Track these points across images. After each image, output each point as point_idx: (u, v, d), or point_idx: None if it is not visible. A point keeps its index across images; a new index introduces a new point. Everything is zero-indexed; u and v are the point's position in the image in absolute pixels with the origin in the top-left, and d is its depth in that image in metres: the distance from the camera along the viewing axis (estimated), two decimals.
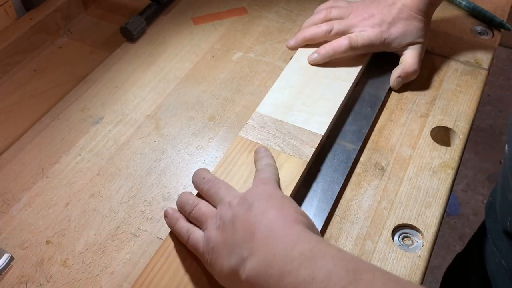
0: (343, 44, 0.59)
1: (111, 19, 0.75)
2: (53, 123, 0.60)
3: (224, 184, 0.45)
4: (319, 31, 0.61)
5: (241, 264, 0.36)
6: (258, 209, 0.38)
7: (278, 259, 0.32)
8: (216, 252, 0.39)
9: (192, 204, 0.44)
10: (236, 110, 0.61)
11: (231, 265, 0.37)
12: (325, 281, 0.29)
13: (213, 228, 0.40)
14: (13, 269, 0.47)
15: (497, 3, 0.73)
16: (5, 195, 0.53)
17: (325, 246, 0.33)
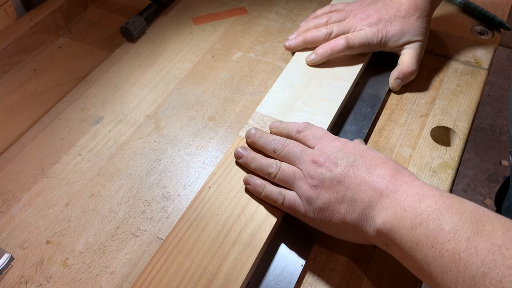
0: (340, 44, 0.59)
1: (111, 19, 0.75)
2: (53, 123, 0.60)
3: (293, 142, 0.48)
4: (319, 34, 0.62)
5: (368, 218, 0.40)
6: (364, 166, 0.42)
7: (409, 213, 0.36)
8: (329, 210, 0.42)
9: (276, 167, 0.47)
10: (236, 110, 0.61)
11: (354, 219, 0.41)
12: (452, 232, 0.33)
13: (307, 188, 0.44)
14: (13, 269, 0.47)
15: (497, 3, 0.73)
16: (5, 195, 0.53)
17: (446, 198, 0.36)
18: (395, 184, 0.39)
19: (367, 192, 0.40)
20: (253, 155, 0.50)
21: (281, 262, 0.46)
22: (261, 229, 0.46)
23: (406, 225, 0.36)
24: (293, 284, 0.44)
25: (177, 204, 0.51)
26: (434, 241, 0.34)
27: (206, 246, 0.45)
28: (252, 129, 0.52)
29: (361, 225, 0.41)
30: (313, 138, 0.47)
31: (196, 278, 0.43)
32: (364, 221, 0.40)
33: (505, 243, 0.31)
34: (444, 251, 0.33)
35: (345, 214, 0.41)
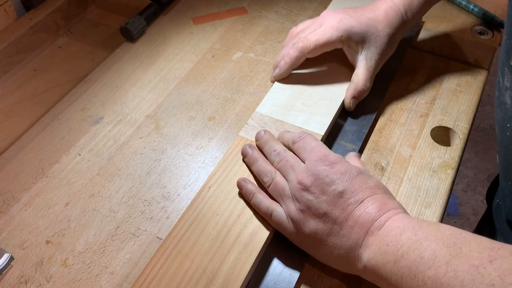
0: (296, 48, 0.56)
1: (111, 19, 0.75)
2: (53, 123, 0.60)
3: (290, 156, 0.47)
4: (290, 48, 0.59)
5: (355, 256, 0.40)
6: (352, 198, 0.41)
7: (391, 247, 0.37)
8: (316, 239, 0.42)
9: (271, 177, 0.46)
10: (236, 110, 0.61)
11: (341, 254, 0.41)
12: (431, 259, 0.34)
13: (294, 210, 0.43)
14: (13, 269, 0.47)
15: (497, 3, 0.73)
16: (5, 195, 0.53)
17: (425, 228, 0.37)
18: (379, 220, 0.39)
19: (353, 228, 0.40)
20: (256, 156, 0.49)
21: (281, 262, 0.46)
22: (261, 229, 0.46)
23: (390, 260, 0.37)
24: (293, 284, 0.44)
25: (177, 204, 0.51)
26: (416, 270, 0.35)
27: (206, 246, 0.45)
28: (262, 131, 0.51)
29: (348, 260, 0.41)
30: (303, 151, 0.46)
31: (196, 278, 0.43)
32: (352, 258, 0.41)
33: (482, 262, 0.32)
34: (426, 278, 0.34)
35: (333, 248, 0.41)
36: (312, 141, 0.46)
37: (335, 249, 0.41)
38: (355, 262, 0.41)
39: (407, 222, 0.38)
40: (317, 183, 0.42)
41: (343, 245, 0.41)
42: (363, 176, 0.42)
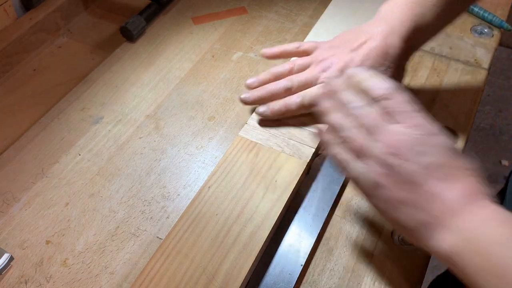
0: (294, 102, 0.53)
1: (111, 19, 0.75)
2: (53, 123, 0.60)
3: (379, 115, 0.40)
4: (278, 89, 0.54)
5: (434, 231, 0.37)
6: (443, 173, 0.37)
7: (480, 240, 0.34)
8: (390, 204, 0.38)
9: (349, 132, 0.41)
10: (236, 110, 0.61)
11: (417, 227, 0.37)
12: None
13: (377, 172, 0.38)
14: (13, 269, 0.47)
15: (497, 3, 0.73)
16: (5, 195, 0.53)
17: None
18: (471, 206, 0.36)
19: (437, 205, 0.36)
20: (333, 106, 0.43)
21: (281, 262, 0.46)
22: (260, 229, 0.46)
23: (474, 252, 0.34)
24: (292, 284, 0.44)
25: (177, 204, 0.51)
26: (504, 271, 0.32)
27: (206, 245, 0.45)
28: (334, 77, 0.46)
29: (423, 236, 0.37)
30: (397, 113, 0.40)
31: (196, 277, 0.43)
32: (427, 236, 0.37)
33: None
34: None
35: (410, 219, 0.38)
36: (405, 101, 0.41)
37: (413, 221, 0.37)
38: (430, 240, 0.37)
39: (503, 216, 0.35)
40: (407, 150, 0.38)
41: (423, 220, 0.37)
42: (458, 156, 0.39)
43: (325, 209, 0.50)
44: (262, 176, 0.49)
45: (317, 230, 0.48)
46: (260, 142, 0.52)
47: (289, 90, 0.53)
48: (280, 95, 0.54)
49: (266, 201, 0.47)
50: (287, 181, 0.49)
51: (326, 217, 0.49)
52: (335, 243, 0.48)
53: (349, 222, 0.49)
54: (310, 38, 0.64)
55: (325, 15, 0.68)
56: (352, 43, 0.52)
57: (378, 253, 0.47)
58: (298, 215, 0.49)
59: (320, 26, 0.66)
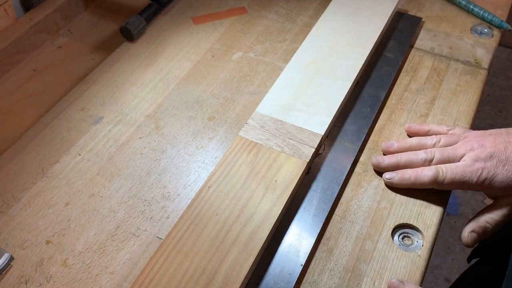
0: (427, 175, 0.49)
1: (111, 19, 0.75)
2: (53, 123, 0.60)
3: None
4: (416, 159, 0.51)
5: None
6: None
7: None
8: None
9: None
10: (236, 110, 0.61)
11: None
12: None
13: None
14: (13, 269, 0.47)
15: (497, 3, 0.73)
16: (5, 195, 0.53)
17: None
18: None
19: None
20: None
21: (281, 261, 0.46)
22: (260, 229, 0.46)
23: None
24: (292, 284, 0.44)
25: (177, 204, 0.51)
26: None
27: (206, 246, 0.45)
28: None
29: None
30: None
31: (196, 277, 0.43)
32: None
33: None
34: None
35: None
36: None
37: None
38: None
39: None
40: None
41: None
42: None
43: (325, 209, 0.50)
44: (262, 176, 0.49)
45: (317, 230, 0.48)
46: (260, 142, 0.53)
47: (428, 163, 0.51)
48: (416, 166, 0.52)
49: (266, 201, 0.47)
50: (287, 181, 0.49)
51: (326, 217, 0.49)
52: (335, 243, 0.48)
53: (349, 222, 0.49)
54: (310, 38, 0.64)
55: (325, 15, 0.68)
56: (509, 135, 0.50)
57: (378, 253, 0.47)
58: (298, 215, 0.49)
59: (320, 26, 0.66)
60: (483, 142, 0.49)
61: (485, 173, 0.47)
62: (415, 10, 0.73)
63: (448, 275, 1.43)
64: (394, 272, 0.46)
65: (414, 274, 0.45)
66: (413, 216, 0.50)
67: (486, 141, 0.49)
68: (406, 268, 0.46)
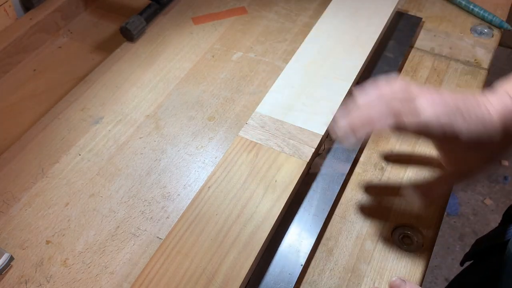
0: (385, 124, 0.42)
1: (111, 19, 0.75)
2: (53, 123, 0.60)
3: None
4: (373, 113, 0.43)
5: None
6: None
7: None
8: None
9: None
10: (236, 110, 0.61)
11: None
12: None
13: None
14: (13, 269, 0.47)
15: (497, 3, 0.73)
16: (5, 195, 0.53)
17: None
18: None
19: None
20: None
21: (281, 261, 0.46)
22: (260, 229, 0.46)
23: None
24: (292, 284, 0.44)
25: (177, 204, 0.51)
26: None
27: (206, 246, 0.45)
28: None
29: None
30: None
31: (196, 278, 0.43)
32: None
33: None
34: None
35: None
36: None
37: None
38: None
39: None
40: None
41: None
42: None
43: (325, 209, 0.50)
44: (262, 176, 0.49)
45: (317, 230, 0.48)
46: (260, 142, 0.53)
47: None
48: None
49: (266, 201, 0.47)
50: (287, 181, 0.49)
51: (326, 217, 0.49)
52: (335, 243, 0.48)
53: (349, 222, 0.49)
54: (310, 38, 0.64)
55: (325, 15, 0.68)
56: (467, 97, 0.46)
57: (378, 253, 0.47)
58: (298, 215, 0.49)
59: (320, 26, 0.66)
60: (444, 97, 0.44)
61: (450, 127, 0.42)
62: (415, 10, 0.73)
63: (448, 275, 1.43)
64: (394, 272, 0.46)
65: (414, 274, 0.45)
66: (413, 216, 0.50)
67: (447, 97, 0.44)
68: (406, 268, 0.46)
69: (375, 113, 0.43)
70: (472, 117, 0.45)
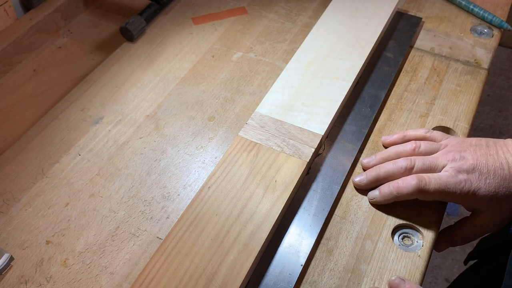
0: (409, 185, 0.47)
1: (111, 19, 0.75)
2: (53, 123, 0.60)
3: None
4: (396, 168, 0.49)
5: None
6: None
7: None
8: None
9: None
10: (236, 110, 0.61)
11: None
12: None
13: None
14: (13, 269, 0.47)
15: (497, 3, 0.73)
16: (5, 195, 0.53)
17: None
18: None
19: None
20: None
21: (281, 262, 0.46)
22: (260, 229, 0.46)
23: None
24: (292, 284, 0.44)
25: (177, 204, 0.51)
26: None
27: (206, 246, 0.45)
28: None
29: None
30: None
31: (195, 278, 0.43)
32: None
33: None
34: None
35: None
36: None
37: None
38: None
39: None
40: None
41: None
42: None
43: (325, 209, 0.50)
44: (262, 176, 0.49)
45: (317, 230, 0.48)
46: (260, 142, 0.53)
47: (409, 171, 0.49)
48: (397, 177, 0.49)
49: (266, 201, 0.47)
50: (287, 181, 0.49)
51: (326, 217, 0.49)
52: (335, 243, 0.48)
53: (349, 222, 0.49)
54: (310, 38, 0.65)
55: (325, 15, 0.68)
56: (489, 147, 0.49)
57: (378, 253, 0.47)
58: (298, 215, 0.49)
59: (320, 26, 0.66)
60: (464, 153, 0.48)
61: (467, 186, 0.46)
62: (415, 10, 0.73)
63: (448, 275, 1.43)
64: (394, 272, 0.46)
65: (414, 274, 0.45)
66: (413, 216, 0.49)
67: (467, 153, 0.48)
68: (406, 268, 0.46)
69: (396, 170, 0.50)
70: (491, 172, 0.47)
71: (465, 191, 0.46)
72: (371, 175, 0.51)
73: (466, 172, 0.47)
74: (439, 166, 0.48)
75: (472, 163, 0.47)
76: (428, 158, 0.49)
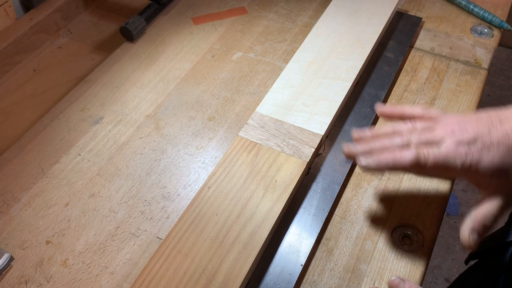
0: (407, 156, 0.44)
1: (111, 19, 0.75)
2: (53, 123, 0.60)
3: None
4: (392, 145, 0.46)
5: None
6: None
7: None
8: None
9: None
10: (236, 110, 0.61)
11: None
12: None
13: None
14: (13, 269, 0.47)
15: (497, 3, 0.73)
16: (5, 195, 0.53)
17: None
18: None
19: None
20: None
21: (281, 262, 0.46)
22: (260, 229, 0.46)
23: None
24: (292, 284, 0.44)
25: (177, 204, 0.51)
26: None
27: (206, 246, 0.45)
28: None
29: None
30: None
31: (196, 277, 0.43)
32: None
33: None
34: None
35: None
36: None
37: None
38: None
39: None
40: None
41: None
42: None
43: (325, 209, 0.50)
44: (262, 176, 0.49)
45: (317, 230, 0.48)
46: (260, 142, 0.53)
47: (405, 147, 0.46)
48: (393, 152, 0.46)
49: (266, 201, 0.48)
50: (287, 181, 0.49)
51: (326, 217, 0.49)
52: (335, 243, 0.48)
53: (349, 222, 0.49)
54: (310, 38, 0.65)
55: (325, 15, 0.68)
56: (490, 117, 0.46)
57: (378, 253, 0.47)
58: (298, 215, 0.50)
59: (320, 26, 0.66)
60: (464, 125, 0.45)
61: (469, 158, 0.43)
62: (415, 10, 0.73)
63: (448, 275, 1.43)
64: (394, 272, 0.46)
65: (414, 274, 0.45)
66: (413, 217, 0.50)
67: (468, 125, 0.45)
68: (406, 268, 0.46)
69: (392, 147, 0.46)
70: (494, 142, 0.44)
71: (467, 164, 0.43)
72: (365, 148, 0.47)
73: (467, 144, 0.43)
74: (437, 139, 0.45)
75: (473, 134, 0.44)
76: (426, 134, 0.46)
